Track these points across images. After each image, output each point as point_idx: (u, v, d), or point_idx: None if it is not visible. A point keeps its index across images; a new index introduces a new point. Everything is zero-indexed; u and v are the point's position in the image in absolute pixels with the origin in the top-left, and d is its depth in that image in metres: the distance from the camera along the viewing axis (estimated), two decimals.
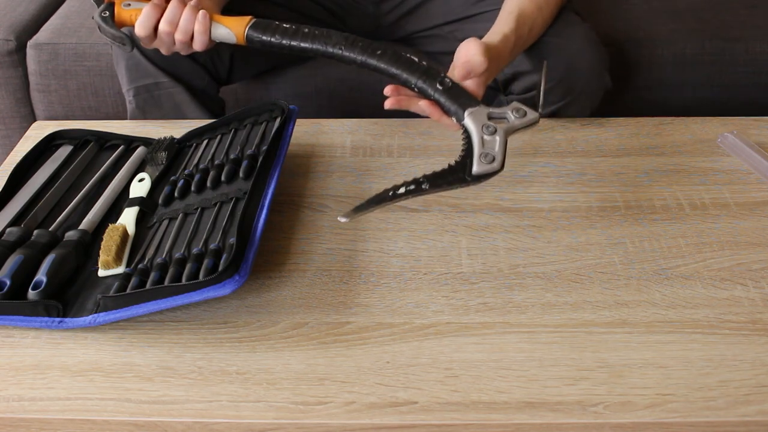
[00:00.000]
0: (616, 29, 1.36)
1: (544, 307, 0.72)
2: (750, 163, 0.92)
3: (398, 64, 0.82)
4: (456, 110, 0.78)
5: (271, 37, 0.85)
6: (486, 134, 0.75)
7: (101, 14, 0.88)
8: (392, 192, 0.72)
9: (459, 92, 0.79)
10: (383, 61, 0.82)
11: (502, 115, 0.77)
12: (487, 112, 0.77)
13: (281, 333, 0.70)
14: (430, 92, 0.80)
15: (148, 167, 0.89)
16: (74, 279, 0.74)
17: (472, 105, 0.78)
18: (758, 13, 1.39)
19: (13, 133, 1.43)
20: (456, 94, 0.79)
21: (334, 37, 0.84)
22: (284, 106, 0.91)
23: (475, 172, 0.74)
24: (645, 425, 0.62)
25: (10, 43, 1.35)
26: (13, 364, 0.67)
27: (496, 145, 0.75)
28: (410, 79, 0.81)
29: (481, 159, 0.74)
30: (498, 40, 0.90)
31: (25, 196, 0.84)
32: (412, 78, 0.81)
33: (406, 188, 0.72)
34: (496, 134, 0.75)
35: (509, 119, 0.77)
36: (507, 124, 0.76)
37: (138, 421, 0.62)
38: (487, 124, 0.76)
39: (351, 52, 0.83)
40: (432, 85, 0.80)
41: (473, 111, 0.77)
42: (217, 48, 1.13)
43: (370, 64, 0.83)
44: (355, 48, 0.83)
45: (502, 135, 0.75)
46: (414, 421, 0.62)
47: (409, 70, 0.81)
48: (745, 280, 0.75)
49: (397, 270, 0.77)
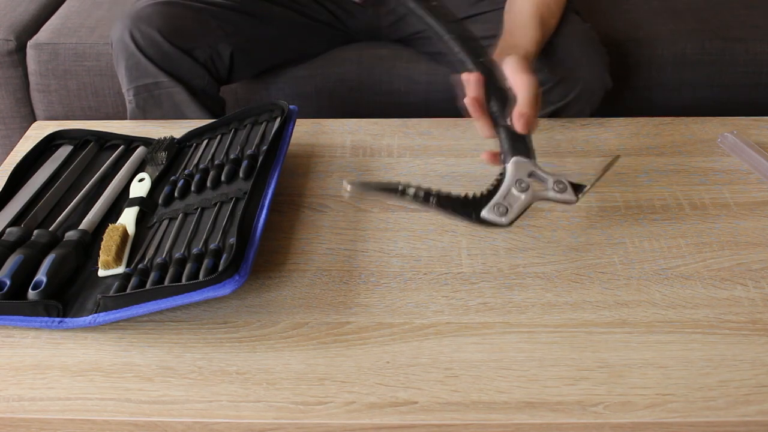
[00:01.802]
0: (616, 29, 1.36)
1: (544, 307, 0.72)
2: (750, 163, 0.92)
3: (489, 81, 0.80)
4: (506, 152, 0.77)
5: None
6: (515, 188, 0.75)
7: None
8: (402, 190, 0.71)
9: (518, 136, 0.78)
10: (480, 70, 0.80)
11: (543, 179, 0.76)
12: (531, 170, 0.76)
13: (281, 333, 0.70)
14: (497, 121, 0.79)
15: (148, 167, 0.89)
16: (74, 279, 0.74)
17: (522, 154, 0.77)
18: (758, 13, 1.40)
19: (13, 133, 1.43)
20: (514, 136, 0.78)
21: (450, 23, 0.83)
22: (284, 106, 0.91)
23: (483, 215, 0.73)
24: (645, 425, 0.62)
25: (10, 43, 1.35)
26: (13, 364, 0.67)
27: (517, 202, 0.74)
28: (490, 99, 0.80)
29: (495, 208, 0.74)
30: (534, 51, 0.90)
31: (25, 196, 0.84)
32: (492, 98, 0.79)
33: (415, 194, 0.72)
34: (523, 193, 0.75)
35: (547, 186, 0.76)
36: (540, 191, 0.76)
37: (138, 421, 0.63)
38: (522, 180, 0.75)
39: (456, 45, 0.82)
40: (502, 116, 0.79)
41: (519, 161, 0.76)
42: (217, 47, 1.13)
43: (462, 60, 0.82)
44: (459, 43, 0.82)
45: (529, 197, 0.75)
46: (414, 421, 0.62)
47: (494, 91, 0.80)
48: (745, 280, 0.75)
49: (397, 270, 0.77)
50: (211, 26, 1.13)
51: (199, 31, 1.12)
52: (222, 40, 1.13)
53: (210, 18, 1.13)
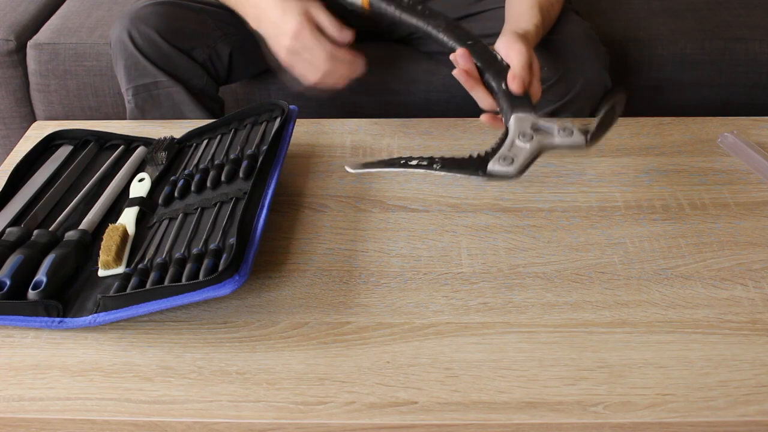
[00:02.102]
0: (616, 29, 1.36)
1: (544, 307, 0.72)
2: (750, 163, 0.92)
3: (481, 57, 0.81)
4: (506, 111, 0.77)
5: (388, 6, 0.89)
6: (519, 140, 0.73)
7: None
8: (404, 161, 0.71)
9: (517, 96, 0.78)
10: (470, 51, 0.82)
11: (548, 129, 0.75)
12: (533, 121, 0.75)
13: (281, 333, 0.70)
14: (494, 89, 0.79)
15: (148, 167, 0.89)
16: (74, 279, 0.74)
17: (522, 110, 0.76)
18: (758, 13, 1.40)
19: (13, 133, 1.43)
20: (513, 97, 0.78)
21: (438, 20, 0.86)
22: (284, 106, 0.91)
23: (489, 169, 0.72)
24: (645, 425, 0.62)
25: (10, 43, 1.35)
26: (13, 364, 0.67)
27: (522, 152, 0.73)
28: (485, 72, 0.81)
29: (501, 159, 0.72)
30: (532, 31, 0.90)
31: (25, 196, 0.84)
32: (487, 71, 0.81)
33: (418, 162, 0.71)
34: (528, 143, 0.73)
35: (552, 134, 0.74)
36: (547, 139, 0.74)
37: (138, 421, 0.63)
38: (525, 132, 0.74)
39: (445, 36, 0.84)
40: (498, 84, 0.79)
41: (520, 116, 0.75)
42: (216, 48, 1.13)
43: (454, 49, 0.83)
44: (448, 34, 0.84)
45: (535, 146, 0.73)
46: (414, 421, 0.62)
47: (487, 65, 0.81)
48: (745, 280, 0.75)
49: (397, 270, 0.77)
50: (210, 26, 1.13)
51: (198, 32, 1.12)
52: (221, 40, 1.13)
53: (209, 18, 1.13)
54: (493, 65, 0.81)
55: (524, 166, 0.72)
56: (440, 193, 0.88)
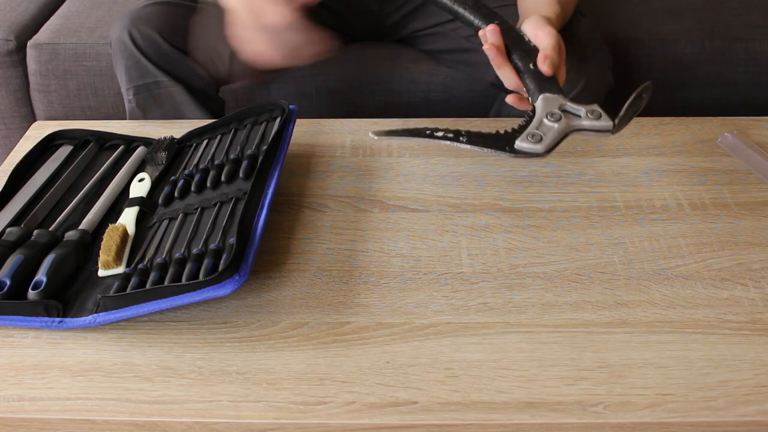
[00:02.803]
0: (617, 29, 1.36)
1: (544, 307, 0.72)
2: (750, 163, 0.92)
3: (509, 36, 0.81)
4: (533, 91, 0.77)
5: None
6: (547, 119, 0.73)
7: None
8: (430, 131, 0.70)
9: (545, 78, 0.78)
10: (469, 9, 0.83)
11: (575, 111, 0.75)
12: (561, 103, 0.75)
13: (281, 333, 0.70)
14: (522, 69, 0.79)
15: (148, 167, 0.89)
16: (74, 279, 0.74)
17: (550, 91, 0.76)
18: (758, 13, 1.40)
19: (13, 133, 1.43)
20: (540, 78, 0.78)
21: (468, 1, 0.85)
22: (284, 106, 0.91)
23: (517, 146, 0.71)
24: (645, 425, 0.62)
25: (10, 43, 1.35)
26: (13, 364, 0.67)
27: (551, 131, 0.72)
28: (512, 52, 0.81)
29: (529, 137, 0.72)
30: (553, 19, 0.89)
31: (25, 196, 0.84)
32: (514, 51, 0.80)
33: (444, 133, 0.70)
34: (557, 122, 0.73)
35: (580, 116, 0.74)
36: (574, 120, 0.74)
37: (138, 421, 0.63)
38: (553, 112, 0.74)
39: (472, 15, 0.84)
40: (525, 64, 0.79)
41: (548, 97, 0.75)
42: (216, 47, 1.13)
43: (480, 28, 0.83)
44: (475, 12, 0.84)
45: (563, 125, 0.73)
46: (414, 421, 0.62)
47: (515, 44, 0.81)
48: (745, 280, 0.75)
49: (397, 270, 0.77)
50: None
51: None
52: (221, 40, 1.13)
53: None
54: (522, 45, 0.81)
55: (552, 145, 0.72)
56: (440, 193, 0.88)
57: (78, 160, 0.90)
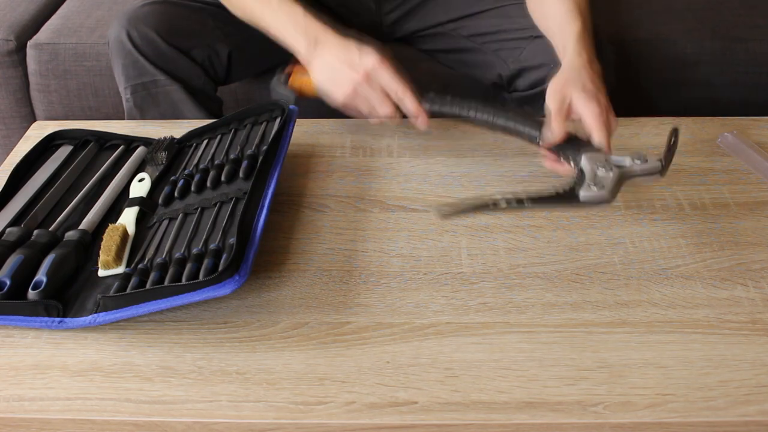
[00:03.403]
0: (617, 29, 1.36)
1: (544, 307, 0.72)
2: (750, 163, 0.92)
3: (525, 122, 0.85)
4: (574, 154, 0.79)
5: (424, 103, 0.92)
6: (600, 171, 0.75)
7: (279, 77, 0.99)
8: (493, 204, 0.72)
9: (580, 141, 0.81)
10: (512, 120, 0.86)
11: (620, 161, 0.77)
12: (605, 157, 0.77)
13: (281, 333, 0.70)
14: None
15: (148, 167, 0.89)
16: (74, 279, 0.74)
17: (591, 150, 0.78)
18: (758, 13, 1.39)
19: (13, 133, 1.43)
20: (577, 141, 0.80)
21: (471, 102, 0.89)
22: (284, 106, 0.91)
23: (582, 197, 0.73)
24: (645, 425, 0.62)
25: (10, 43, 1.35)
26: (13, 364, 0.67)
27: (608, 179, 0.74)
28: (534, 134, 0.84)
29: (590, 186, 0.73)
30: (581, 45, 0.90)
31: (25, 196, 0.84)
32: (536, 132, 0.83)
33: (507, 203, 0.72)
34: (610, 171, 0.75)
35: (627, 164, 0.76)
36: (624, 168, 0.76)
37: (138, 421, 0.63)
38: (603, 164, 0.76)
39: (483, 114, 0.88)
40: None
41: (591, 155, 0.77)
42: (215, 47, 1.13)
43: (498, 123, 0.87)
44: (487, 110, 0.88)
45: (617, 173, 0.75)
46: (414, 421, 0.62)
47: (534, 126, 0.84)
48: (745, 280, 0.75)
49: (397, 270, 0.77)
50: (210, 26, 1.13)
51: (197, 31, 1.12)
52: (220, 40, 1.13)
53: (208, 18, 1.13)
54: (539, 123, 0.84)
55: (615, 191, 0.74)
56: (440, 193, 0.88)
57: (78, 160, 0.90)
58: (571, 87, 0.83)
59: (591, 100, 0.81)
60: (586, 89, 0.82)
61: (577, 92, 0.82)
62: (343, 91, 0.92)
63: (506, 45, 1.13)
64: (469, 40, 1.19)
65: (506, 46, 1.13)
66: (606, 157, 0.77)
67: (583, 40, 0.90)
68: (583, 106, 0.81)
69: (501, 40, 1.14)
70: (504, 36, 1.14)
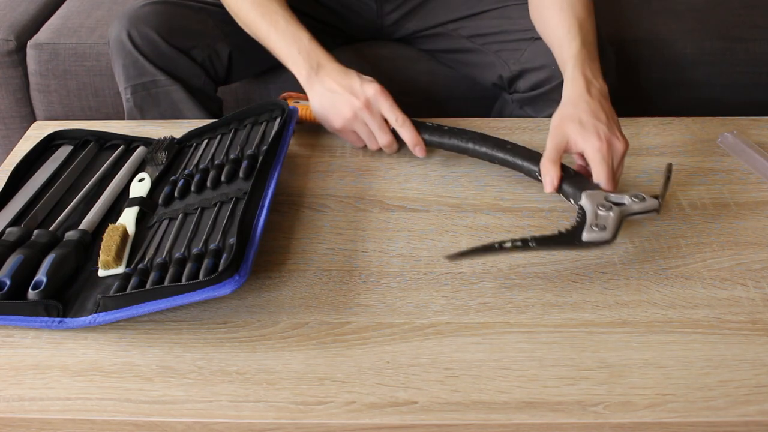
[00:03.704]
0: (617, 29, 1.36)
1: (544, 307, 0.72)
2: (750, 163, 0.92)
3: (524, 156, 0.87)
4: (574, 192, 0.81)
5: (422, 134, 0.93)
6: (600, 210, 0.77)
7: None
8: (498, 245, 0.74)
9: (580, 179, 0.82)
10: (511, 154, 0.88)
11: (619, 200, 0.79)
12: (605, 195, 0.79)
13: (281, 333, 0.70)
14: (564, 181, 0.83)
15: (148, 167, 0.89)
16: (74, 279, 0.74)
17: (590, 188, 0.80)
18: (758, 13, 1.39)
19: (13, 133, 1.43)
20: (576, 180, 0.82)
21: (469, 134, 0.91)
22: (284, 105, 0.91)
23: (585, 238, 0.75)
24: (645, 425, 0.62)
25: (10, 43, 1.35)
26: (13, 364, 0.67)
27: (609, 219, 0.76)
28: (534, 169, 0.85)
29: (592, 227, 0.75)
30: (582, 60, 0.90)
31: (25, 196, 0.84)
32: (535, 167, 0.85)
33: (513, 244, 0.74)
34: (610, 211, 0.77)
35: (626, 203, 0.78)
36: (623, 207, 0.78)
37: (138, 421, 0.63)
38: (602, 203, 0.78)
39: (482, 147, 0.90)
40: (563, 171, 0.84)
41: (591, 193, 0.79)
42: (215, 47, 1.13)
43: (498, 156, 0.89)
44: (486, 143, 0.90)
45: (617, 213, 0.77)
46: (414, 421, 0.62)
47: (534, 162, 0.85)
48: (745, 280, 0.75)
49: (397, 270, 0.77)
50: (210, 26, 1.13)
51: (197, 31, 1.12)
52: (220, 40, 1.13)
53: (208, 18, 1.13)
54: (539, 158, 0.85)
55: (616, 232, 0.76)
56: (440, 193, 0.88)
57: (78, 160, 0.90)
58: (568, 123, 0.83)
59: (590, 135, 0.82)
60: (583, 123, 0.83)
61: (575, 128, 0.83)
62: (343, 116, 0.93)
63: (507, 46, 1.13)
64: (470, 41, 1.19)
65: (507, 47, 1.13)
66: (605, 196, 0.79)
67: (582, 61, 0.90)
68: (583, 141, 0.82)
69: (502, 41, 1.14)
70: (505, 37, 1.14)
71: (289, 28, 0.98)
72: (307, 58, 0.96)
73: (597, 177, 0.81)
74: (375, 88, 0.93)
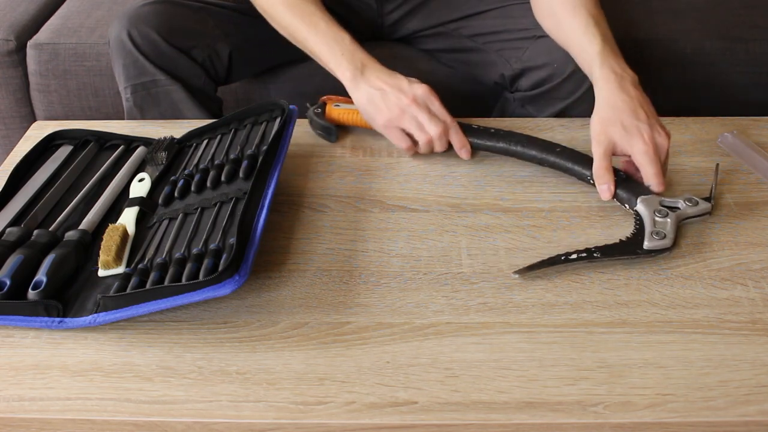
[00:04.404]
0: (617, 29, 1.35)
1: (544, 307, 0.72)
2: (750, 163, 0.92)
3: (575, 159, 0.88)
4: (629, 198, 0.83)
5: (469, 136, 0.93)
6: (657, 217, 0.79)
7: (314, 110, 0.99)
8: (564, 257, 0.76)
9: (632, 183, 0.84)
10: (561, 157, 0.89)
11: (674, 204, 0.81)
12: (659, 200, 0.81)
13: (281, 333, 0.70)
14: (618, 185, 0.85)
15: (148, 167, 0.89)
16: (74, 279, 0.74)
17: (645, 194, 0.82)
18: (758, 13, 1.39)
19: (13, 133, 1.43)
20: (629, 185, 0.84)
21: (516, 137, 0.92)
22: (284, 105, 0.91)
23: (647, 246, 0.77)
24: (645, 425, 0.62)
25: (10, 43, 1.35)
26: (13, 364, 0.67)
27: (667, 225, 0.78)
28: (586, 173, 0.86)
29: (653, 236, 0.77)
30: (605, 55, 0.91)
31: (25, 196, 0.84)
32: (587, 171, 0.86)
33: (578, 255, 0.76)
34: (667, 217, 0.79)
35: (681, 207, 0.81)
36: (679, 212, 0.80)
37: (138, 421, 0.63)
38: (659, 209, 0.80)
39: (531, 150, 0.90)
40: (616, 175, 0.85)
41: (646, 198, 0.81)
42: (216, 47, 1.13)
43: (548, 160, 0.89)
44: (535, 146, 0.90)
45: (674, 218, 0.79)
46: (414, 421, 0.62)
47: (585, 165, 0.86)
48: (745, 280, 0.75)
49: (397, 270, 0.77)
50: (210, 26, 1.13)
51: (197, 31, 1.12)
52: (220, 39, 1.13)
53: (208, 17, 1.13)
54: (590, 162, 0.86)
55: (675, 238, 0.78)
56: (440, 193, 0.88)
57: (78, 160, 0.90)
58: (610, 127, 0.84)
59: (634, 138, 0.83)
60: (626, 127, 0.84)
61: (618, 132, 0.84)
62: (390, 112, 0.92)
63: (509, 45, 1.13)
64: (471, 40, 1.19)
65: (509, 45, 1.13)
66: (660, 200, 0.81)
67: (607, 57, 0.91)
68: (629, 145, 0.83)
69: (504, 39, 1.14)
70: (507, 36, 1.14)
71: (330, 30, 0.97)
72: (351, 59, 0.95)
73: (647, 179, 0.82)
74: (423, 88, 0.93)
